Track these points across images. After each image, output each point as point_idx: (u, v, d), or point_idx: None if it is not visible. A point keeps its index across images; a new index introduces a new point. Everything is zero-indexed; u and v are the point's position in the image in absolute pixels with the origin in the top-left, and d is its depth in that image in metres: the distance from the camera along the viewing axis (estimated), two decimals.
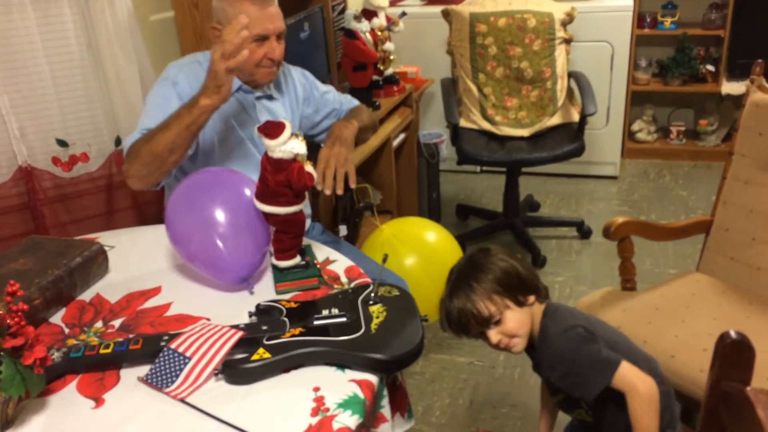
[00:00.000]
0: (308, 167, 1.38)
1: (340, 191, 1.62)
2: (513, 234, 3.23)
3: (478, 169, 4.02)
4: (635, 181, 3.83)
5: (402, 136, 2.98)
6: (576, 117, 2.98)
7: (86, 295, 1.47)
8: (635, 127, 4.16)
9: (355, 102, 2.04)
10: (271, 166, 1.35)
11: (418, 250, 2.05)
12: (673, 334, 1.76)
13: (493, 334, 1.41)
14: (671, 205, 3.47)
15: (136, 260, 1.60)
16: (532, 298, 1.42)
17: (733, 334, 1.01)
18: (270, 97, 1.86)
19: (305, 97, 1.97)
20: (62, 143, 2.13)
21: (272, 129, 1.33)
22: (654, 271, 2.88)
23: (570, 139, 2.91)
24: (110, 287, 1.49)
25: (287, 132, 1.33)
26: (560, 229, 3.29)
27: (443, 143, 3.68)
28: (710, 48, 3.94)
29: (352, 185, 1.63)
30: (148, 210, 2.32)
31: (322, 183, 1.61)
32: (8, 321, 1.05)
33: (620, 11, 3.56)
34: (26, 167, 2.07)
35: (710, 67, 3.90)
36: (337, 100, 2.02)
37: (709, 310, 1.85)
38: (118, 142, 2.23)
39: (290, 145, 1.34)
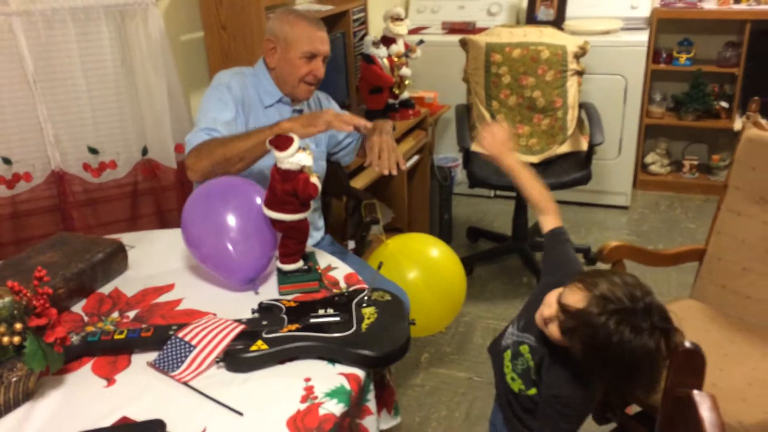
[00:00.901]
0: (313, 179, 1.50)
1: (395, 172, 1.82)
2: (521, 257, 3.31)
3: (492, 193, 4.11)
4: (646, 212, 3.89)
5: (416, 157, 3.10)
6: (585, 146, 3.07)
7: (105, 289, 1.59)
8: (649, 159, 4.23)
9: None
10: (280, 176, 1.47)
11: (421, 264, 2.14)
12: None
13: (547, 308, 1.28)
14: (679, 237, 3.52)
15: (154, 260, 1.73)
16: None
17: (687, 343, 1.09)
18: (301, 112, 2.02)
19: None
20: (93, 151, 2.28)
21: (282, 142, 1.46)
22: None
23: (578, 167, 3.00)
24: (128, 282, 1.62)
25: (295, 145, 1.45)
26: None
27: (458, 167, 3.79)
28: (724, 85, 4.01)
29: (403, 167, 1.85)
30: (170, 216, 2.46)
31: (380, 164, 1.82)
32: (34, 302, 1.18)
33: (635, 46, 3.66)
34: (59, 171, 2.23)
35: (724, 104, 3.96)
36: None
37: (696, 334, 1.92)
38: (144, 152, 2.38)
39: (297, 158, 1.46)
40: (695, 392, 1.02)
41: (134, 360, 1.32)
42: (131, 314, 1.48)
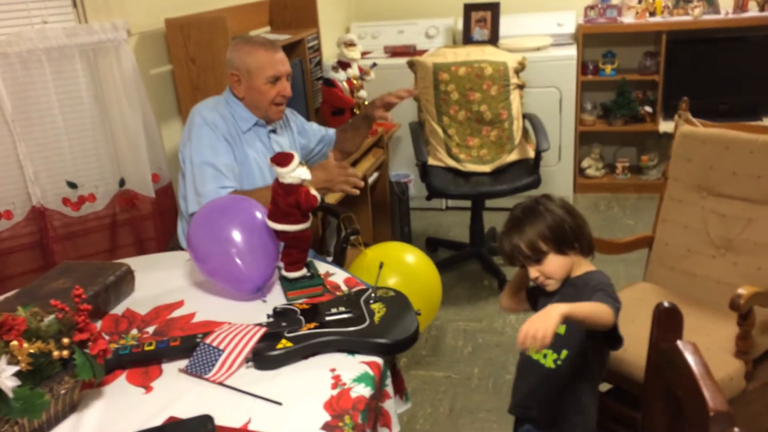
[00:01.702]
0: (313, 191, 1.63)
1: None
2: (480, 262, 3.50)
3: (444, 206, 4.31)
4: (587, 213, 4.15)
5: (375, 174, 3.26)
6: (532, 153, 3.30)
7: (118, 310, 1.67)
8: (585, 164, 4.52)
9: (332, 130, 2.48)
10: (282, 190, 1.60)
11: (400, 270, 2.29)
12: (624, 332, 2.01)
13: (533, 271, 1.60)
14: (620, 233, 3.79)
15: (157, 280, 1.81)
16: (573, 251, 1.59)
17: (665, 303, 1.28)
18: (275, 131, 2.17)
19: (299, 131, 2.33)
20: (72, 185, 2.33)
21: (283, 158, 1.58)
22: None
23: (527, 173, 3.23)
24: (138, 302, 1.70)
25: (296, 161, 1.58)
26: None
27: (411, 182, 3.97)
28: (647, 91, 4.36)
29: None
30: (149, 245, 2.52)
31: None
32: (77, 318, 1.26)
33: (566, 60, 3.96)
34: (39, 207, 2.27)
35: (648, 109, 4.31)
36: (321, 129, 2.44)
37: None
38: (122, 183, 2.44)
39: (298, 172, 1.59)
40: (678, 342, 1.20)
41: (165, 369, 1.41)
42: (150, 330, 1.57)
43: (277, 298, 1.68)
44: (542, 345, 1.30)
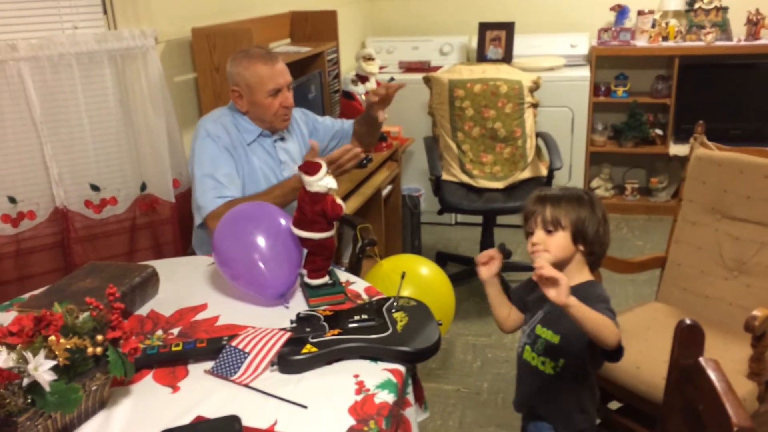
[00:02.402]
0: (338, 199, 1.66)
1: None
2: None
3: (453, 221, 4.34)
4: None
5: (389, 187, 3.29)
6: (544, 171, 3.34)
7: (142, 311, 1.70)
8: (594, 184, 4.56)
9: (350, 122, 2.46)
10: (309, 198, 1.63)
11: (415, 282, 2.32)
12: (637, 350, 2.05)
13: (537, 236, 1.60)
14: (629, 253, 3.82)
15: (180, 284, 1.84)
16: (582, 250, 1.61)
17: (687, 320, 1.30)
18: (283, 139, 2.19)
19: (309, 131, 2.35)
20: (95, 188, 2.37)
21: (311, 167, 1.62)
22: (617, 309, 3.20)
23: None
24: (161, 304, 1.73)
25: (324, 170, 1.62)
26: (531, 273, 3.60)
27: (422, 197, 4.01)
28: (658, 114, 4.40)
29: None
30: (166, 249, 2.55)
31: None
32: (110, 316, 1.29)
33: (579, 81, 4.01)
34: (62, 209, 2.30)
35: (659, 131, 4.35)
36: (337, 123, 2.43)
37: (667, 330, 2.12)
38: (143, 187, 2.48)
39: (325, 181, 1.62)
40: (701, 358, 1.22)
41: (191, 369, 1.43)
42: (175, 331, 1.59)
43: (299, 304, 1.71)
44: (539, 276, 1.43)
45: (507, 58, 4.20)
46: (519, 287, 1.79)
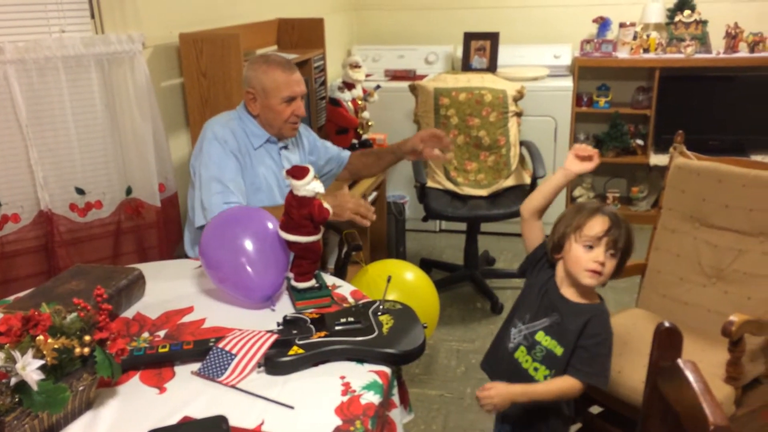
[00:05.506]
0: (325, 204, 1.68)
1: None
2: (473, 284, 3.55)
3: (438, 228, 4.37)
4: None
5: (375, 194, 3.31)
6: (528, 179, 3.38)
7: (128, 313, 1.70)
8: (576, 192, 4.61)
9: (347, 153, 2.52)
10: (296, 202, 1.65)
11: (399, 286, 2.34)
12: (618, 355, 2.08)
13: (604, 255, 1.60)
14: None
15: (165, 287, 1.85)
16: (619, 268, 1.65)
17: (666, 323, 1.33)
18: (286, 148, 2.22)
19: (310, 148, 2.38)
20: (80, 191, 2.37)
21: (298, 171, 1.64)
22: None
23: (522, 198, 3.25)
24: (148, 307, 1.73)
25: (311, 174, 1.64)
26: (514, 280, 3.64)
27: (407, 204, 4.03)
28: (639, 125, 4.47)
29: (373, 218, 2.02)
30: (151, 253, 2.55)
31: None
32: (98, 317, 1.30)
33: (562, 91, 4.06)
34: (46, 212, 2.30)
35: (639, 142, 4.41)
36: (335, 149, 2.49)
37: (647, 336, 2.14)
38: (128, 191, 2.48)
39: (312, 185, 1.64)
40: (679, 360, 1.25)
41: (178, 371, 1.44)
42: (161, 333, 1.60)
43: (285, 307, 1.72)
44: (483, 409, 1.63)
45: (492, 67, 4.25)
46: (534, 262, 1.79)
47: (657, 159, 4.25)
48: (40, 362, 1.16)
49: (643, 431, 1.41)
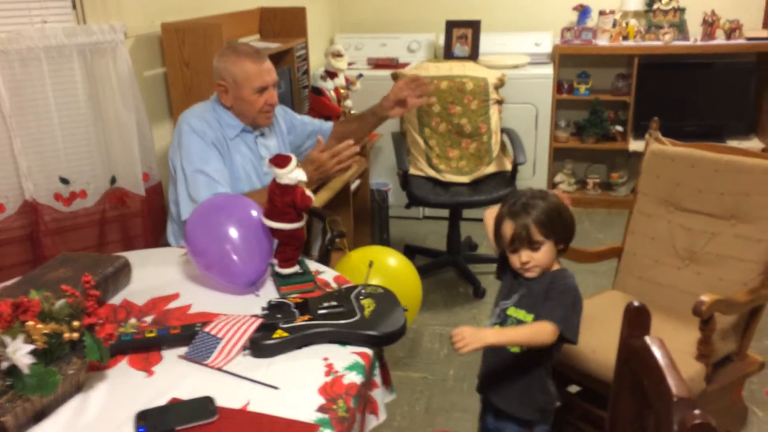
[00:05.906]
0: (308, 191, 1.71)
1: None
2: (456, 270, 3.61)
3: (421, 215, 4.42)
4: None
5: (358, 181, 3.35)
6: (509, 166, 3.44)
7: (115, 300, 1.73)
8: (557, 178, 4.68)
9: (329, 123, 2.54)
10: (279, 190, 1.68)
11: (382, 272, 2.39)
12: (594, 335, 2.15)
13: (524, 255, 1.68)
14: (590, 245, 3.91)
15: (152, 274, 1.88)
16: (561, 244, 1.72)
17: (635, 303, 1.39)
18: (263, 135, 2.24)
19: (288, 129, 2.41)
20: (64, 181, 2.38)
21: (281, 160, 1.67)
22: None
23: (504, 184, 3.36)
24: (134, 294, 1.76)
25: (293, 163, 1.67)
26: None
27: (390, 191, 4.08)
28: (618, 111, 4.54)
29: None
30: (136, 242, 2.58)
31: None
32: (86, 303, 1.33)
33: (543, 78, 4.11)
34: (31, 202, 2.31)
35: (619, 128, 4.48)
36: (316, 122, 2.51)
37: (621, 316, 2.26)
38: (113, 181, 2.50)
39: (295, 174, 1.67)
40: (646, 337, 1.31)
41: (165, 355, 1.48)
42: (148, 319, 1.63)
43: (269, 292, 1.76)
44: (458, 352, 1.57)
45: (473, 55, 4.29)
46: (503, 261, 1.85)
47: (636, 145, 4.32)
48: (31, 347, 1.20)
49: (615, 406, 1.47)
